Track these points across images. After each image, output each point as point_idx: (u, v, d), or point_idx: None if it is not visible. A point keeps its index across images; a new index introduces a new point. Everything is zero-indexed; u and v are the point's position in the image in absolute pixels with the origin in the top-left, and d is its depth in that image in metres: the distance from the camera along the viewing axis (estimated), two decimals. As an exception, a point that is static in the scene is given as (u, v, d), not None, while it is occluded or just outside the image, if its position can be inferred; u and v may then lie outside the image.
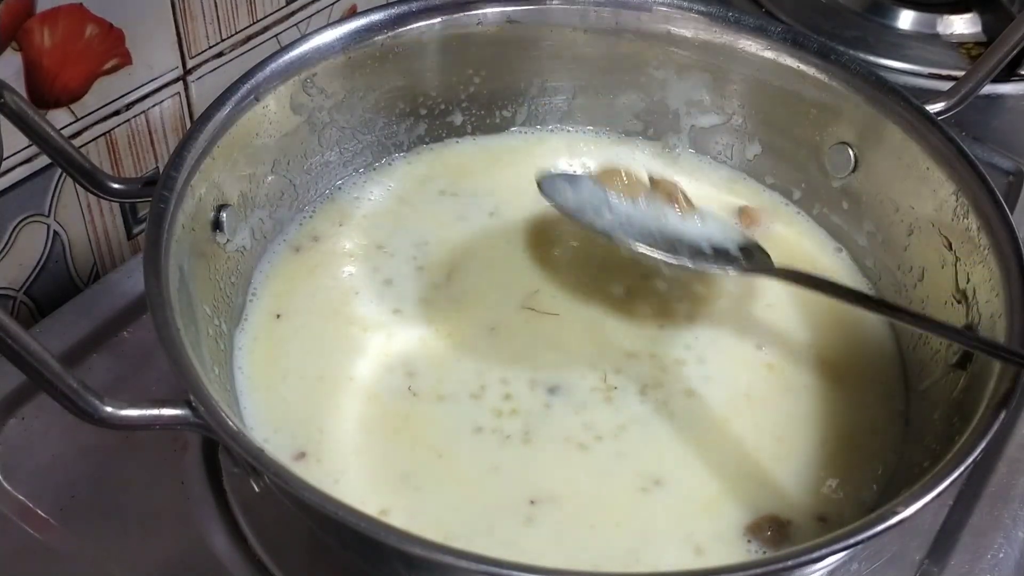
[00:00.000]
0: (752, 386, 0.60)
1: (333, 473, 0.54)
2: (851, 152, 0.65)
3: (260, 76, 0.59)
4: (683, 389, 0.59)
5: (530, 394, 0.58)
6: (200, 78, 0.71)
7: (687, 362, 0.60)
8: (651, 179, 0.63)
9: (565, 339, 0.61)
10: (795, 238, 0.68)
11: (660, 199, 0.62)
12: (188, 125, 0.70)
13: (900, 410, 0.59)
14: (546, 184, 0.63)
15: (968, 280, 0.57)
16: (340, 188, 0.68)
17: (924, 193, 0.60)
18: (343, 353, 0.60)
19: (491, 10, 0.67)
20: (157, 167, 0.72)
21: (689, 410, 0.58)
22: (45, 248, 0.67)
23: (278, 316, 0.61)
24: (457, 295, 0.63)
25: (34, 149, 0.62)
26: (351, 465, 0.55)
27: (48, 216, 0.67)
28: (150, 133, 0.70)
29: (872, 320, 0.63)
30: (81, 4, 0.62)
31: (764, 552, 0.52)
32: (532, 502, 0.54)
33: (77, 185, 0.63)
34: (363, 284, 0.63)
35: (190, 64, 0.70)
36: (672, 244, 0.60)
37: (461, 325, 0.61)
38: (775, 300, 0.64)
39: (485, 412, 0.57)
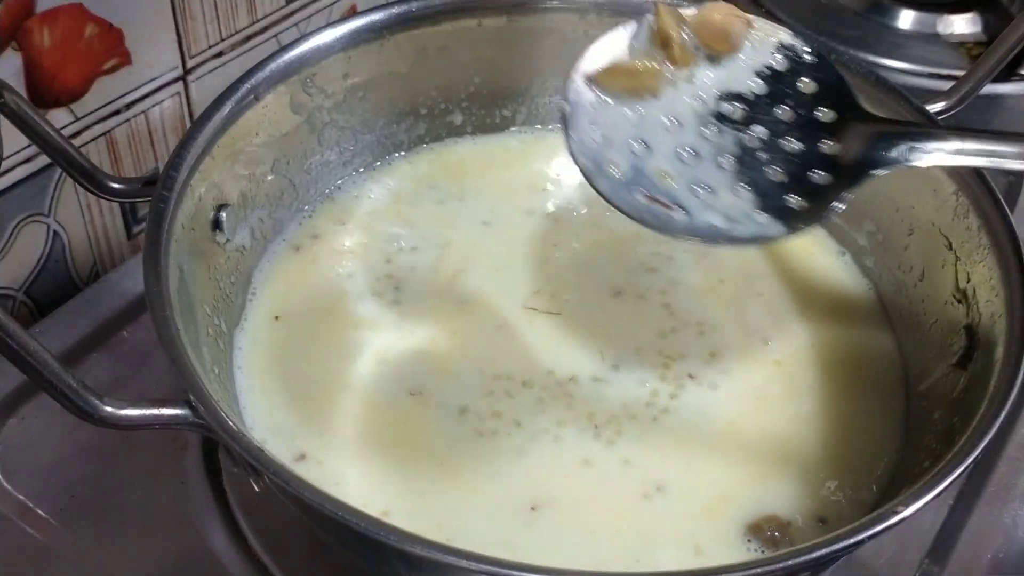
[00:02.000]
0: (757, 387, 0.59)
1: (334, 476, 0.54)
2: (851, 152, 0.65)
3: (260, 76, 0.59)
4: (686, 389, 0.59)
5: (532, 397, 0.58)
6: (200, 78, 0.71)
7: (691, 361, 0.60)
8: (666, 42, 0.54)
9: (567, 340, 0.61)
10: (795, 238, 0.68)
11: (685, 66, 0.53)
12: (188, 125, 0.70)
13: (900, 410, 0.59)
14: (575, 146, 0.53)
15: (968, 280, 0.57)
16: (340, 188, 0.68)
17: (924, 193, 0.60)
18: (342, 354, 0.60)
19: (491, 10, 0.67)
20: (157, 167, 0.72)
21: (693, 410, 0.58)
22: (45, 248, 0.67)
23: (277, 317, 0.61)
24: (458, 295, 0.63)
25: (34, 149, 0.62)
26: (351, 468, 0.55)
27: (48, 216, 0.67)
28: (150, 133, 0.70)
29: (872, 320, 0.63)
30: (81, 4, 0.62)
31: (764, 552, 0.52)
32: (533, 508, 0.53)
33: (77, 185, 0.63)
34: (362, 283, 0.63)
35: (190, 64, 0.70)
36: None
37: (462, 326, 0.61)
38: (765, 289, 0.64)
39: (486, 415, 0.57)
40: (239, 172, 0.59)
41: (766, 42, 0.54)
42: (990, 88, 0.72)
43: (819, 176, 0.51)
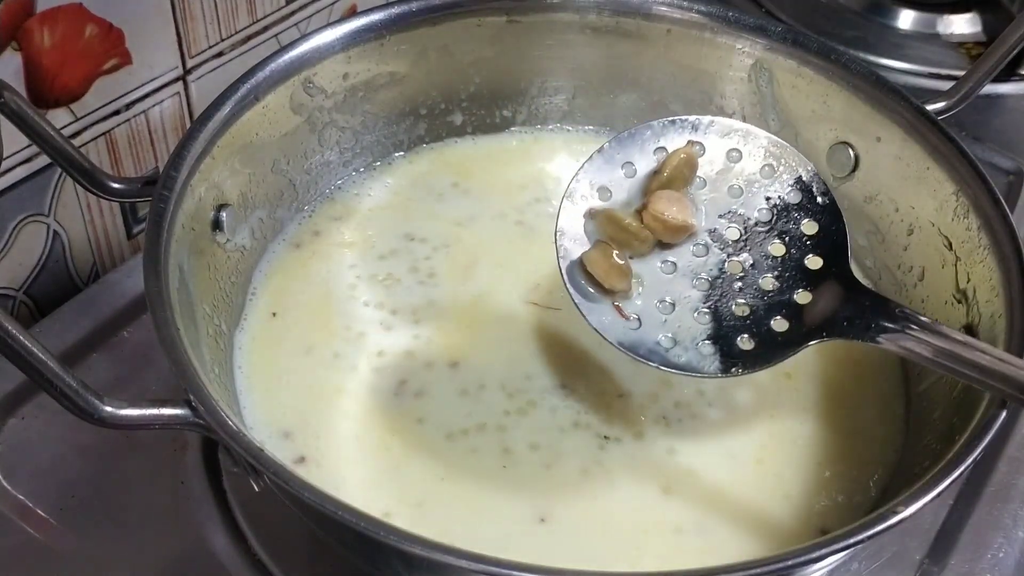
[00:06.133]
0: (757, 387, 0.59)
1: (334, 480, 0.54)
2: (851, 152, 0.65)
3: (260, 76, 0.59)
4: (689, 388, 0.59)
5: (535, 400, 0.58)
6: (200, 78, 0.71)
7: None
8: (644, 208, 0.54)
9: (569, 340, 0.60)
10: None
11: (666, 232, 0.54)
12: (188, 125, 0.70)
13: (900, 410, 0.59)
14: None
15: (968, 280, 0.57)
16: (340, 188, 0.68)
17: (924, 193, 0.60)
18: (341, 354, 0.59)
19: (491, 10, 0.67)
20: (157, 167, 0.72)
21: (694, 411, 0.58)
22: (45, 248, 0.67)
23: (274, 314, 0.61)
24: (458, 294, 0.63)
25: (34, 149, 0.62)
26: (351, 472, 0.54)
27: (48, 216, 0.67)
28: (150, 133, 0.70)
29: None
30: (81, 4, 0.62)
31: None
32: (543, 520, 0.53)
33: (77, 185, 0.63)
34: (361, 282, 0.63)
35: (190, 64, 0.70)
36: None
37: (463, 324, 0.61)
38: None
39: (489, 417, 0.57)
40: (239, 172, 0.59)
41: (789, 172, 0.55)
42: (990, 88, 0.72)
43: (778, 323, 0.52)
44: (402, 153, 0.70)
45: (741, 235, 0.55)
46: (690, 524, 0.53)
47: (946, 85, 0.67)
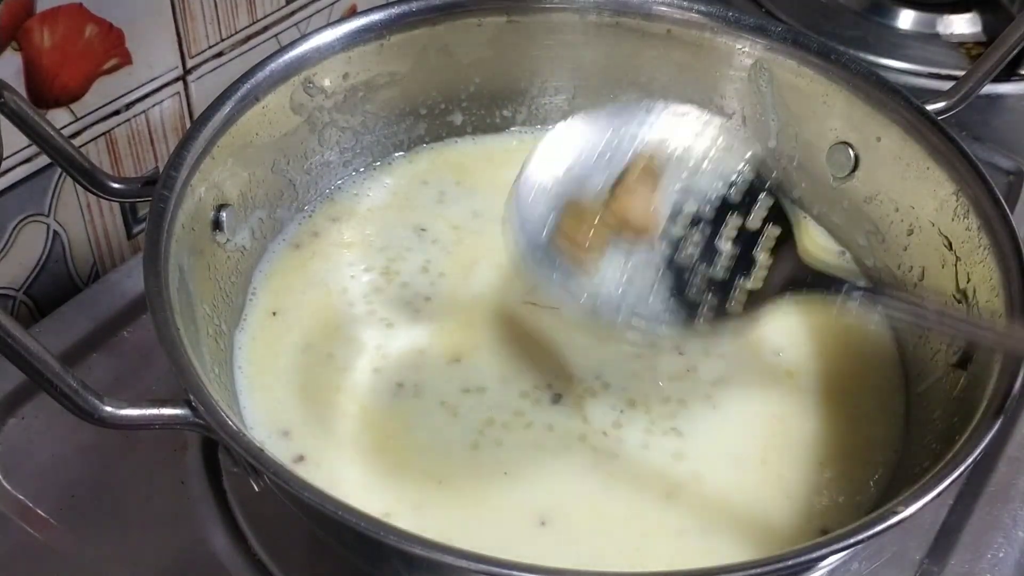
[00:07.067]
0: (757, 386, 0.59)
1: (333, 479, 0.54)
2: (851, 152, 0.65)
3: (260, 76, 0.59)
4: (694, 393, 0.59)
5: (533, 400, 0.58)
6: (200, 78, 0.71)
7: (693, 357, 0.60)
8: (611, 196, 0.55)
9: (567, 338, 0.60)
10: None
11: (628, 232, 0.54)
12: (188, 125, 0.70)
13: (900, 410, 0.59)
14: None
15: (968, 280, 0.57)
16: (340, 188, 0.68)
17: (924, 193, 0.60)
18: (341, 353, 0.59)
19: (491, 10, 0.67)
20: (157, 167, 0.72)
21: (701, 416, 0.58)
22: (45, 248, 0.67)
23: (274, 313, 0.61)
24: (457, 294, 0.63)
25: (34, 149, 0.62)
26: (349, 472, 0.54)
27: (48, 216, 0.67)
28: (150, 133, 0.70)
29: (872, 320, 0.63)
30: (81, 4, 0.62)
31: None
32: (543, 523, 0.53)
33: (77, 185, 0.63)
34: (361, 282, 0.63)
35: (190, 64, 0.70)
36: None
37: (461, 325, 0.61)
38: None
39: (488, 418, 0.57)
40: (239, 172, 0.59)
41: (728, 175, 0.55)
42: (990, 88, 0.72)
43: (732, 307, 0.53)
44: (402, 153, 0.70)
45: (690, 228, 0.54)
46: (692, 526, 0.53)
47: (946, 85, 0.67)
